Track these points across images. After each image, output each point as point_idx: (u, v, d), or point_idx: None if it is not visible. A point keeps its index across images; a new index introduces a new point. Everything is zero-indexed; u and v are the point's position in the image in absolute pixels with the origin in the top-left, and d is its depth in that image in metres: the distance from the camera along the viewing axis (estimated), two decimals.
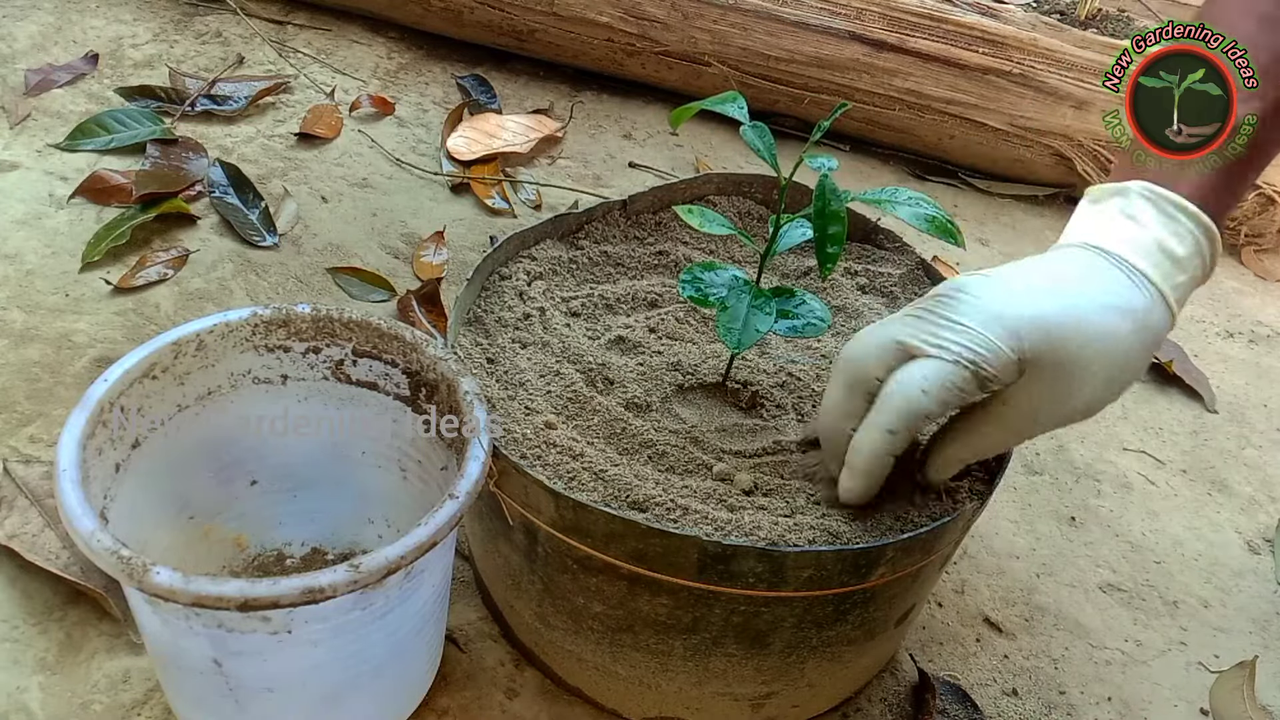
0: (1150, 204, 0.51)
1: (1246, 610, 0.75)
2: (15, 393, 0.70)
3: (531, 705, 0.59)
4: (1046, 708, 0.65)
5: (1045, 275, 0.50)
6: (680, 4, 1.14)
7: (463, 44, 1.23)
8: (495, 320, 0.61)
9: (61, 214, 0.87)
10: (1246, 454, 0.89)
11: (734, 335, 0.52)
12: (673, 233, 0.71)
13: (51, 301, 0.78)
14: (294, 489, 0.59)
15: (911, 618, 0.60)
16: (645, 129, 1.17)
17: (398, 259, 0.91)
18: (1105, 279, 0.49)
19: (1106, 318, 0.48)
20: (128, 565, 0.40)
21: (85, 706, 0.55)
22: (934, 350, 0.48)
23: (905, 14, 1.15)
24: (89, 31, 1.11)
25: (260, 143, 1.01)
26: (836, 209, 0.51)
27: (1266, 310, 1.11)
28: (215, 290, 0.83)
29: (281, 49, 1.15)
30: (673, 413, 0.57)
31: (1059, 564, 0.75)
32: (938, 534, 0.51)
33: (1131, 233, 0.51)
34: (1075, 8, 1.48)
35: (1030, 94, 1.15)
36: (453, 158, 1.04)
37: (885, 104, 1.17)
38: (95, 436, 0.47)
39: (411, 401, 0.56)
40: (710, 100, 0.55)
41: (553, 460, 0.53)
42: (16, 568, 0.60)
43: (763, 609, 0.50)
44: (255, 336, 0.54)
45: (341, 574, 0.41)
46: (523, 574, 0.55)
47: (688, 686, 0.55)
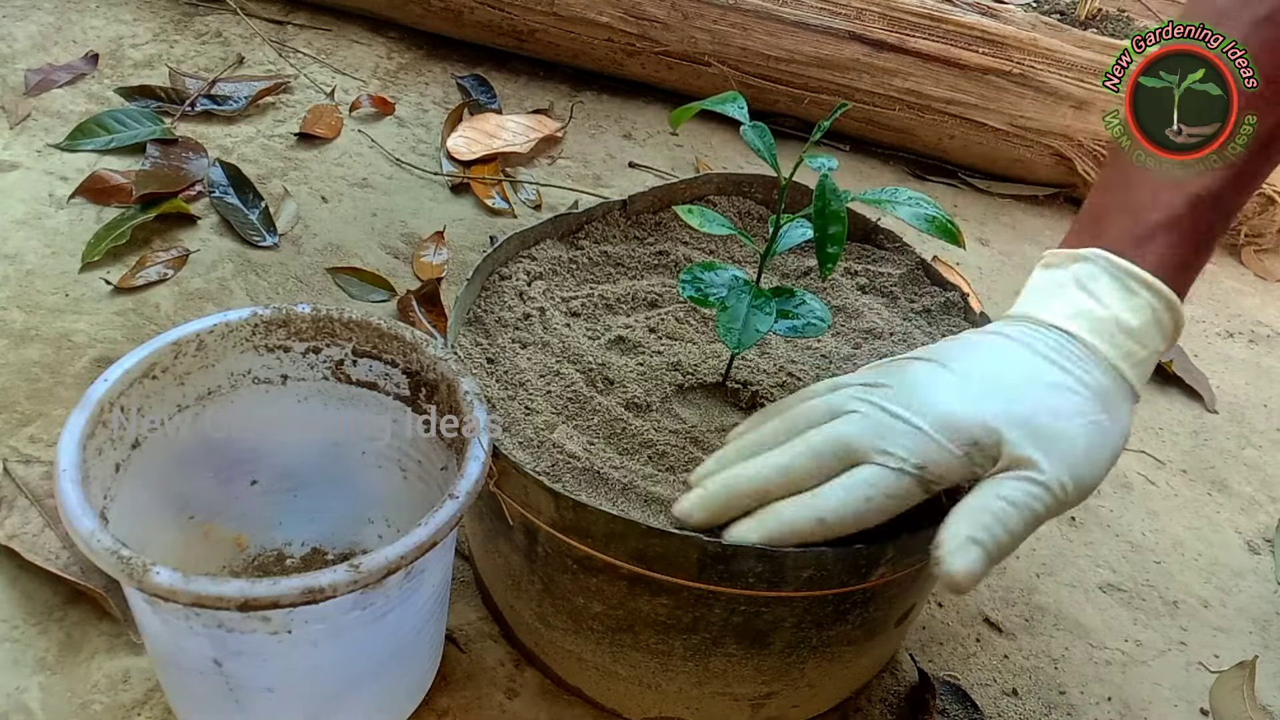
0: (1110, 277, 0.50)
1: (1246, 610, 0.75)
2: (15, 393, 0.70)
3: (531, 705, 0.59)
4: (1046, 708, 0.65)
5: (997, 363, 0.49)
6: (680, 4, 1.14)
7: (463, 44, 1.23)
8: (495, 320, 0.61)
9: (61, 214, 0.87)
10: (1246, 454, 0.89)
11: (734, 335, 0.52)
12: (673, 233, 0.71)
13: (51, 301, 0.78)
14: (294, 489, 0.59)
15: (911, 618, 0.60)
16: (645, 129, 1.18)
17: (398, 259, 0.91)
18: (1057, 364, 0.48)
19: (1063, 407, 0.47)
20: (128, 565, 0.40)
21: (85, 706, 0.55)
22: (880, 459, 0.46)
23: (905, 14, 1.15)
24: (89, 31, 1.11)
25: (260, 143, 1.01)
26: (836, 209, 0.51)
27: (1266, 310, 1.11)
28: (215, 290, 0.83)
29: (281, 49, 1.15)
30: (673, 413, 0.57)
31: (1059, 564, 0.75)
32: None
33: (1088, 307, 0.50)
34: (1075, 8, 1.48)
35: (1030, 94, 1.15)
36: (453, 158, 1.04)
37: (885, 104, 1.17)
38: (95, 436, 0.47)
39: (411, 401, 0.56)
40: (710, 100, 0.55)
41: (552, 460, 0.53)
42: (16, 568, 0.60)
43: (763, 609, 0.50)
44: (255, 336, 0.54)
45: (341, 574, 0.41)
46: (523, 574, 0.55)
47: (688, 686, 0.55)
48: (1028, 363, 0.48)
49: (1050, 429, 0.46)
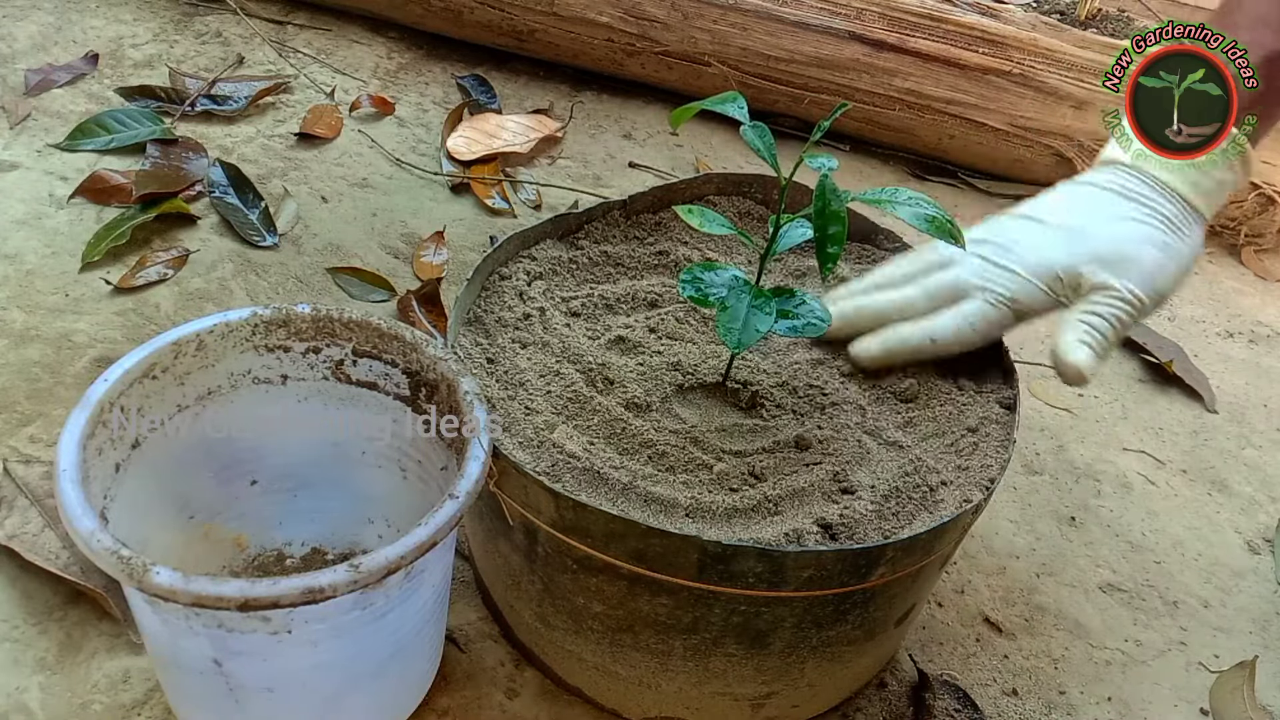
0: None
1: (1246, 610, 0.75)
2: (15, 393, 0.70)
3: (531, 705, 0.59)
4: (1046, 708, 0.65)
5: (1079, 209, 0.59)
6: (680, 4, 1.14)
7: (463, 44, 1.23)
8: (495, 320, 0.61)
9: (61, 214, 0.87)
10: (1246, 454, 0.89)
11: (734, 335, 0.52)
12: (673, 233, 0.71)
13: (51, 301, 0.78)
14: (294, 489, 0.59)
15: (911, 618, 0.60)
16: (645, 129, 1.18)
17: (398, 259, 0.91)
18: (1132, 199, 0.58)
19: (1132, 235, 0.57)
20: (128, 565, 0.40)
21: (85, 706, 0.55)
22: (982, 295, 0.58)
23: (905, 14, 1.15)
24: (89, 31, 1.11)
25: (260, 143, 1.01)
26: (837, 209, 0.51)
27: (1266, 310, 1.11)
28: (215, 290, 0.83)
29: (281, 49, 1.15)
30: (673, 413, 0.57)
31: (1059, 564, 0.75)
32: (938, 534, 0.51)
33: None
34: (1075, 8, 1.48)
35: (1030, 94, 1.15)
36: (453, 158, 1.04)
37: (885, 104, 1.17)
38: (95, 436, 0.47)
39: (411, 401, 0.56)
40: (710, 100, 0.54)
41: (552, 460, 0.53)
42: (16, 568, 0.60)
43: (763, 609, 0.50)
44: (255, 336, 0.54)
45: (341, 574, 0.41)
46: (523, 574, 0.55)
47: (688, 686, 0.55)
48: (1106, 204, 0.59)
49: (1119, 254, 0.57)
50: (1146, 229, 0.57)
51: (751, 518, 0.52)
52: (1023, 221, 0.61)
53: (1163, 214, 0.58)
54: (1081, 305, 0.57)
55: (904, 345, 0.60)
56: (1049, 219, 0.60)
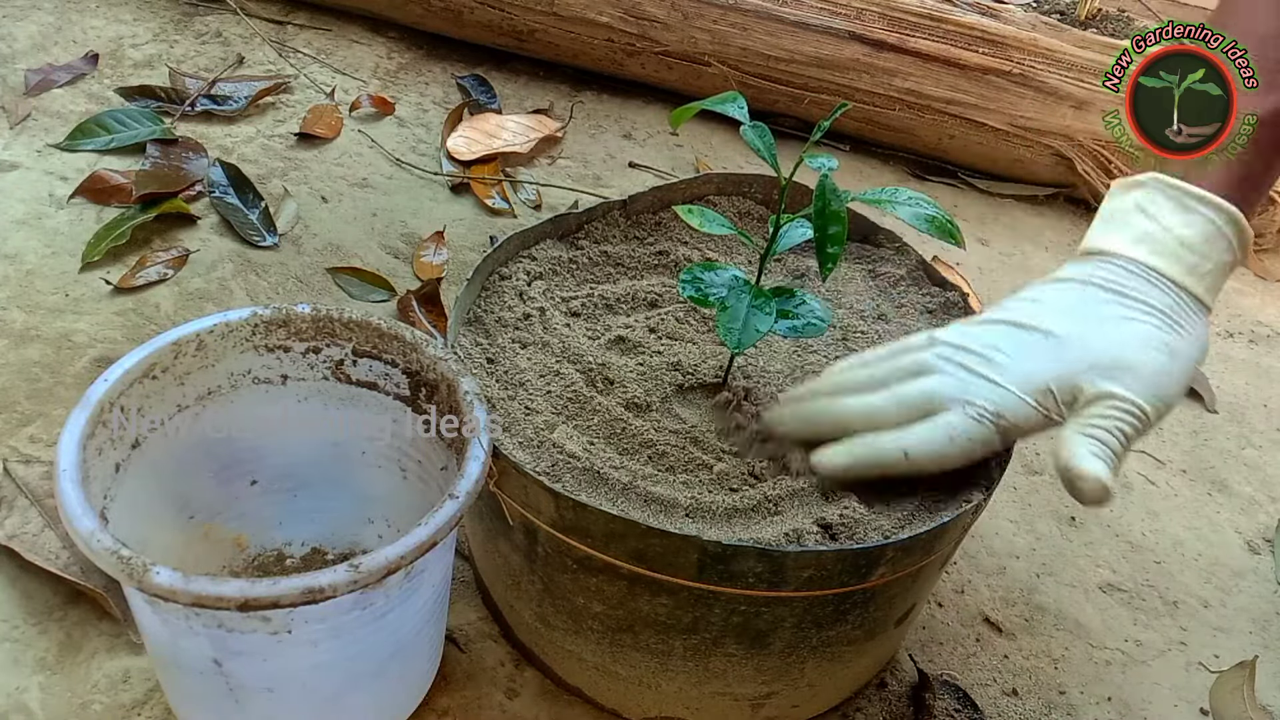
0: (1166, 198, 0.52)
1: (1246, 610, 0.75)
2: (15, 393, 0.70)
3: (531, 705, 0.59)
4: (1046, 708, 0.65)
5: (1067, 312, 0.52)
6: (680, 4, 1.14)
7: (463, 44, 1.23)
8: (495, 320, 0.61)
9: (61, 214, 0.87)
10: (1246, 454, 0.89)
11: (734, 335, 0.52)
12: (673, 233, 0.71)
13: (51, 301, 0.78)
14: (294, 489, 0.59)
15: (911, 618, 0.60)
16: (645, 129, 1.17)
17: (398, 259, 0.91)
18: (1125, 295, 0.51)
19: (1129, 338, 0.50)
20: (128, 565, 0.40)
21: (85, 706, 0.55)
22: (962, 408, 0.51)
23: (905, 14, 1.15)
24: (89, 31, 1.11)
25: (260, 143, 1.01)
26: (837, 209, 0.51)
27: (1266, 310, 1.11)
28: (215, 290, 0.83)
29: (281, 49, 1.15)
30: (673, 413, 0.57)
31: (1059, 564, 0.75)
32: (938, 534, 0.51)
33: (1149, 230, 0.52)
34: (1075, 8, 1.48)
35: (1030, 94, 1.15)
36: (453, 158, 1.04)
37: (885, 104, 1.17)
38: (95, 436, 0.47)
39: (411, 401, 0.56)
40: (710, 100, 0.55)
41: (552, 460, 0.53)
42: (16, 568, 0.60)
43: (763, 609, 0.50)
44: (255, 336, 0.54)
45: (341, 574, 0.41)
46: (523, 574, 0.55)
47: (688, 686, 0.55)
48: (1095, 302, 0.52)
49: (1118, 361, 0.50)
50: (1145, 329, 0.51)
51: (751, 518, 0.52)
52: (1004, 328, 0.53)
53: (1161, 310, 0.51)
54: (1080, 419, 0.50)
55: (875, 457, 0.52)
56: (1034, 324, 0.52)
